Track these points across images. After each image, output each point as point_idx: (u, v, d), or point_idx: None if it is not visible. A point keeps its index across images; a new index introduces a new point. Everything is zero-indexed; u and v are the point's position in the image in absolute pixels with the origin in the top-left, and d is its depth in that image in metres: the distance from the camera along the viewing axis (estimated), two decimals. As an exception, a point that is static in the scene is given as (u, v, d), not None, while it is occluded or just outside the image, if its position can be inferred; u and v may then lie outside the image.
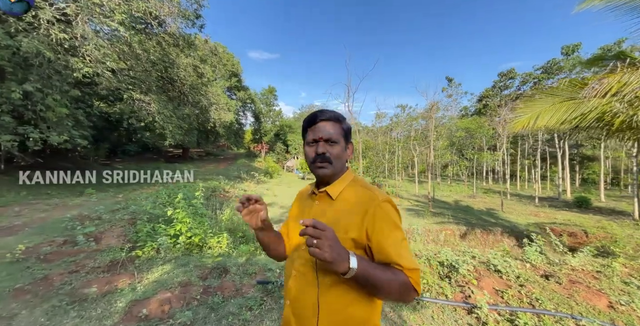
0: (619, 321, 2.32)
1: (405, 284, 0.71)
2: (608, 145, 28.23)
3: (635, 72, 4.24)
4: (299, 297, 0.81)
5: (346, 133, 0.92)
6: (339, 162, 0.88)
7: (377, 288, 0.70)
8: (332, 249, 0.63)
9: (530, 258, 3.42)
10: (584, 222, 13.98)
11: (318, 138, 0.86)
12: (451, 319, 2.34)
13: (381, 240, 0.76)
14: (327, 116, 0.88)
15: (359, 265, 0.66)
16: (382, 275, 0.69)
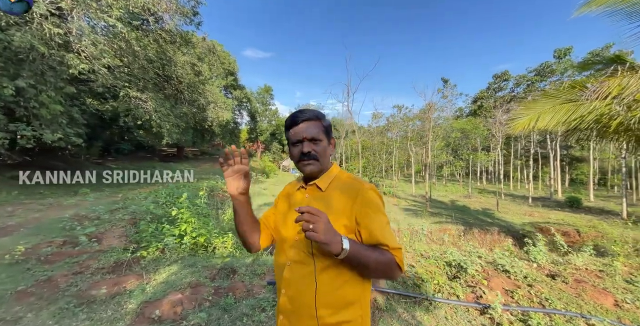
0: (626, 319, 2.37)
1: (391, 262, 0.79)
2: (596, 147, 28.91)
3: (634, 75, 4.33)
4: (296, 283, 0.85)
5: (327, 130, 0.96)
6: (324, 158, 0.94)
7: (367, 267, 0.78)
8: (326, 232, 0.69)
9: (537, 258, 3.47)
10: (576, 222, 14.30)
11: (302, 138, 0.91)
12: (464, 320, 2.36)
13: (368, 224, 0.83)
14: (307, 116, 0.93)
15: (350, 246, 0.73)
16: (371, 254, 0.77)
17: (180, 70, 13.82)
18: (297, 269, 0.86)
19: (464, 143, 31.39)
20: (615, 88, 4.45)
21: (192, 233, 3.91)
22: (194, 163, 29.45)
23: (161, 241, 3.79)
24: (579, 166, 36.46)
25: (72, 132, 10.61)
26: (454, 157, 31.55)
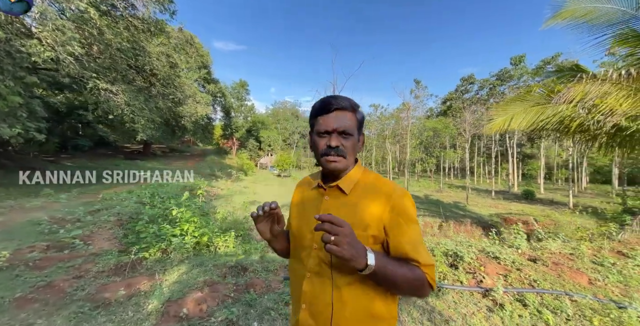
0: (600, 295, 2.80)
1: (421, 280, 0.71)
2: (543, 145, 32.31)
3: (595, 83, 4.94)
4: (318, 299, 0.77)
5: (360, 124, 0.85)
6: (352, 155, 0.83)
7: (393, 284, 0.70)
8: (350, 246, 0.61)
9: (521, 245, 3.90)
10: (532, 212, 15.92)
11: (332, 129, 0.78)
12: (470, 303, 2.63)
13: (398, 235, 0.75)
14: (343, 104, 0.80)
15: (377, 262, 0.64)
16: (399, 270, 0.69)
17: (155, 61, 13.00)
18: (317, 283, 0.78)
19: (435, 141, 33.24)
20: (579, 94, 5.04)
21: (194, 233, 3.82)
22: (163, 161, 27.73)
23: (163, 241, 3.67)
24: (529, 162, 40.32)
25: (33, 126, 9.60)
26: (426, 154, 33.30)
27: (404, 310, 2.47)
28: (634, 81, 4.70)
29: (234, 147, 51.33)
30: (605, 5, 5.74)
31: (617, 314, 2.41)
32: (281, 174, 34.51)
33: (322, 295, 0.76)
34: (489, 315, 2.42)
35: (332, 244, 0.60)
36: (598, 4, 5.78)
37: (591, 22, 6.01)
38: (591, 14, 5.90)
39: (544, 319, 2.35)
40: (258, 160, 45.77)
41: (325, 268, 0.76)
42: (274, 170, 38.14)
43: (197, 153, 41.00)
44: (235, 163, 34.17)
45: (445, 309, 2.52)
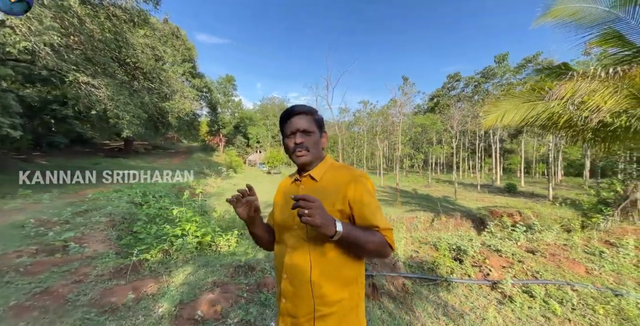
0: (597, 283, 2.95)
1: (382, 242, 0.86)
2: (523, 140, 33.79)
3: (585, 80, 5.11)
4: (296, 268, 0.91)
5: (319, 124, 1.02)
6: (316, 149, 1.00)
7: (360, 247, 0.84)
8: (320, 216, 0.75)
9: (520, 237, 4.04)
10: (516, 204, 16.56)
11: (294, 130, 0.97)
12: (480, 296, 2.70)
13: (360, 207, 0.90)
14: (300, 110, 0.99)
15: (343, 228, 0.79)
16: (362, 235, 0.83)
17: (139, 54, 12.39)
18: (296, 254, 0.92)
19: (423, 137, 33.89)
20: (569, 91, 5.21)
21: (196, 233, 3.70)
22: (147, 159, 26.68)
23: (164, 242, 3.53)
24: (510, 157, 41.94)
25: (7, 122, 8.98)
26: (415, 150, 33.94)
27: (418, 305, 2.50)
28: (620, 79, 4.89)
29: (221, 144, 50.24)
30: (591, 5, 5.95)
31: (616, 302, 2.54)
32: (271, 171, 34.06)
33: (300, 265, 0.90)
34: (500, 308, 2.49)
35: (306, 216, 0.74)
36: (584, 4, 5.99)
37: (578, 21, 6.21)
38: (578, 14, 6.09)
39: (552, 309, 2.45)
40: (246, 157, 45.04)
41: (302, 243, 0.92)
42: (263, 167, 37.64)
43: (182, 151, 39.74)
44: (224, 161, 33.48)
45: (457, 303, 2.57)
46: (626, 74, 4.80)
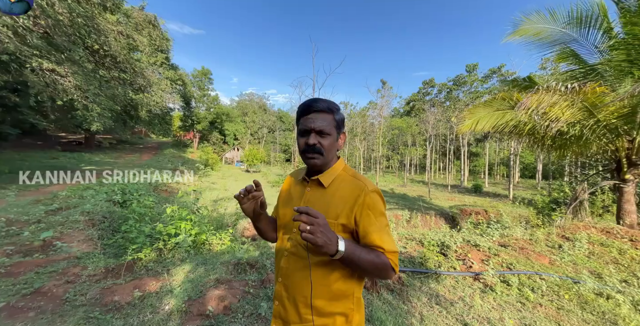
0: (559, 272, 3.39)
1: (385, 264, 0.81)
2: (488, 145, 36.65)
3: (547, 93, 5.72)
4: (291, 275, 0.89)
5: (338, 124, 0.93)
6: (330, 153, 0.91)
7: (360, 267, 0.79)
8: (323, 234, 0.69)
9: (495, 234, 4.48)
10: (483, 203, 17.98)
11: (310, 129, 0.88)
12: (465, 286, 3.00)
13: (367, 226, 0.84)
14: (321, 107, 0.89)
15: (346, 248, 0.73)
16: (366, 256, 0.78)
17: (112, 42, 11.59)
18: (293, 261, 0.89)
19: (400, 139, 35.33)
20: (535, 103, 5.81)
21: (191, 231, 3.66)
22: (112, 154, 24.73)
23: (158, 241, 3.46)
24: (475, 159, 45.14)
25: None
26: (392, 151, 35.26)
27: (413, 296, 2.73)
28: (575, 94, 5.55)
29: (195, 140, 48.23)
30: (551, 26, 6.69)
31: (576, 288, 2.97)
32: (250, 169, 33.29)
33: (295, 271, 0.88)
34: (483, 296, 2.80)
35: (307, 233, 0.68)
36: (546, 25, 6.71)
37: (540, 40, 6.97)
38: (540, 34, 6.83)
39: (525, 296, 2.80)
40: (223, 155, 43.69)
41: (300, 249, 0.87)
42: (241, 165, 36.75)
43: (151, 146, 37.52)
44: (199, 158, 32.17)
45: (446, 293, 2.84)
46: (581, 89, 5.45)
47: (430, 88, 45.64)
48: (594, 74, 6.69)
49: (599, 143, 6.34)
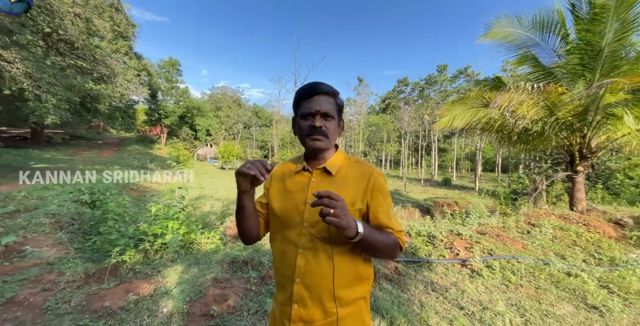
0: (532, 255, 3.74)
1: (395, 243, 0.85)
2: (456, 141, 39.15)
3: (517, 92, 6.18)
4: (311, 271, 0.84)
5: (340, 109, 0.92)
6: (334, 137, 0.91)
7: (375, 248, 0.82)
8: (346, 217, 0.70)
9: (474, 223, 4.80)
10: (453, 195, 19.18)
11: (315, 111, 0.86)
12: (455, 272, 3.20)
13: (376, 207, 0.87)
14: (325, 90, 0.88)
15: (364, 230, 0.75)
16: (380, 236, 0.81)
17: (69, 25, 10.40)
18: (311, 256, 0.85)
19: (376, 136, 36.34)
20: (506, 101, 6.26)
21: (179, 230, 3.47)
22: (65, 151, 21.95)
23: (143, 242, 3.23)
24: (443, 155, 47.91)
25: None
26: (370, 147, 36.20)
27: (411, 284, 2.86)
28: (539, 93, 6.07)
29: (163, 135, 45.43)
30: (519, 30, 7.22)
31: (548, 269, 3.30)
32: (225, 167, 32.02)
33: (317, 267, 0.83)
34: (472, 280, 3.01)
35: (331, 216, 0.68)
36: (514, 29, 7.23)
37: (508, 43, 7.51)
38: (509, 37, 7.35)
39: (508, 278, 3.06)
40: (195, 151, 41.66)
41: (317, 243, 0.84)
42: (215, 162, 35.33)
43: (112, 142, 34.59)
44: (168, 154, 30.38)
45: (439, 280, 3.01)
46: (545, 89, 5.96)
47: (404, 86, 47.29)
48: (552, 76, 7.36)
49: (557, 138, 7.02)
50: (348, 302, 0.85)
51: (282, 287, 0.90)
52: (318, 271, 0.84)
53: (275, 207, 0.94)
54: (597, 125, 6.41)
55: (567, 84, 6.77)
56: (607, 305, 2.66)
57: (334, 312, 0.83)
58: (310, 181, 0.91)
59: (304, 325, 0.85)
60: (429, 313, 2.36)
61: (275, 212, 0.93)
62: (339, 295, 0.84)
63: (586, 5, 5.96)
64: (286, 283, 0.88)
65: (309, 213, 0.86)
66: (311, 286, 0.84)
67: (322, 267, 0.83)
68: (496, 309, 2.46)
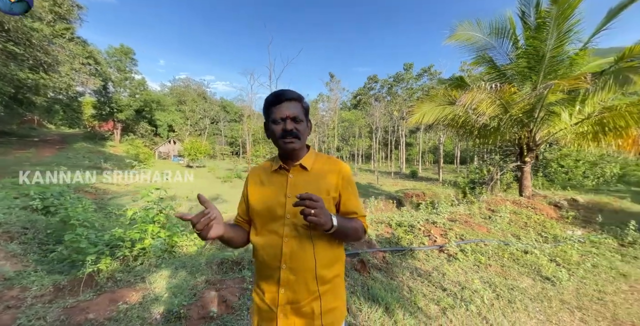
0: (495, 238, 4.20)
1: (362, 227, 1.01)
2: (420, 135, 41.67)
3: (479, 91, 6.75)
4: (295, 256, 0.94)
5: (306, 112, 1.03)
6: (304, 137, 1.01)
7: (346, 235, 0.96)
8: (324, 215, 0.82)
9: (445, 212, 5.21)
10: (420, 187, 20.52)
11: (285, 116, 0.95)
12: (434, 258, 3.48)
13: (347, 195, 1.02)
14: (292, 96, 0.98)
15: (338, 222, 0.88)
16: (349, 224, 0.95)
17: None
18: (295, 243, 0.94)
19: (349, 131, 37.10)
20: (469, 99, 6.80)
21: (160, 234, 3.27)
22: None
23: (120, 248, 3.00)
24: (409, 149, 50.71)
25: None
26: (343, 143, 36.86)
27: (398, 272, 3.06)
28: (496, 93, 6.69)
29: (116, 132, 41.43)
30: (479, 34, 7.84)
31: (508, 249, 3.75)
32: (192, 164, 30.02)
33: (301, 252, 0.94)
34: (450, 264, 3.31)
35: (312, 216, 0.79)
36: (475, 33, 7.84)
37: (470, 45, 8.12)
38: (471, 40, 7.95)
39: (478, 260, 3.42)
40: (156, 149, 38.57)
41: (301, 231, 0.94)
42: (180, 160, 33.12)
43: (52, 139, 30.54)
44: (125, 152, 27.80)
45: (422, 265, 3.27)
46: (500, 89, 6.59)
47: (374, 83, 48.69)
48: (505, 77, 8.13)
49: (510, 133, 7.83)
50: (327, 280, 0.97)
51: (266, 276, 0.98)
52: (302, 256, 0.94)
53: (257, 206, 1.02)
54: (541, 121, 7.26)
55: (518, 85, 7.53)
56: (557, 276, 3.12)
57: (315, 290, 0.94)
58: (288, 177, 1.01)
59: (290, 307, 0.94)
60: (418, 296, 2.57)
61: (258, 210, 1.01)
62: (320, 275, 0.94)
63: (534, 13, 6.66)
64: (272, 271, 0.96)
65: (290, 206, 0.94)
66: (296, 270, 0.94)
67: (305, 252, 0.94)
68: (473, 287, 2.76)
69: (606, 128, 6.29)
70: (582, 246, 4.12)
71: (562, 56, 6.81)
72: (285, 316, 0.94)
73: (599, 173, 13.45)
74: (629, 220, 4.75)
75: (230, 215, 10.06)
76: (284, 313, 0.94)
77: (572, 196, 8.00)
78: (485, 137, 8.61)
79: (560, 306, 2.59)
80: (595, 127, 6.48)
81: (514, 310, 2.47)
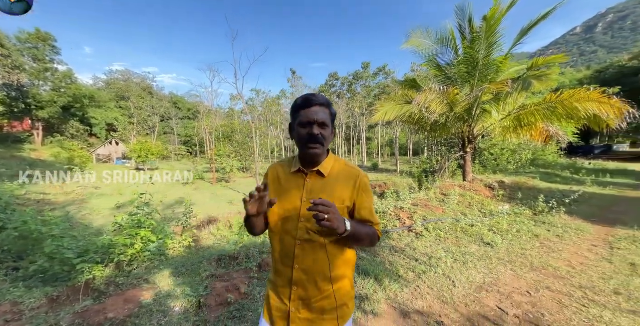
0: (449, 217, 5.05)
1: (376, 235, 1.03)
2: (379, 131, 44.28)
3: (430, 92, 7.68)
4: (309, 258, 0.97)
5: (333, 118, 1.04)
6: (327, 143, 1.01)
7: (359, 240, 0.97)
8: (337, 220, 0.83)
9: (408, 198, 5.97)
10: (382, 178, 22.03)
11: (313, 120, 0.95)
12: (405, 237, 4.11)
13: (361, 204, 1.02)
14: (322, 101, 0.99)
15: (351, 227, 0.90)
16: (363, 230, 0.97)
17: None
18: (308, 246, 0.97)
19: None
20: (423, 99, 7.71)
21: (152, 238, 3.26)
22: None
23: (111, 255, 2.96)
24: (369, 143, 53.47)
25: None
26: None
27: (380, 251, 3.60)
28: (444, 94, 7.72)
29: (37, 133, 35.40)
30: (428, 42, 8.83)
31: (459, 225, 4.58)
32: (143, 167, 27.05)
33: (313, 255, 0.98)
34: (418, 240, 3.97)
35: (325, 221, 0.81)
36: (426, 40, 8.81)
37: (421, 51, 9.10)
38: (421, 46, 8.92)
39: (439, 235, 4.15)
40: (94, 151, 33.99)
41: (313, 235, 0.97)
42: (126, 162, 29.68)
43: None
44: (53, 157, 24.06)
45: (397, 244, 3.86)
46: (447, 90, 7.62)
47: (335, 81, 49.66)
48: (450, 80, 9.33)
49: (455, 128, 9.06)
50: (338, 281, 1.02)
51: (280, 273, 1.03)
52: (314, 258, 0.98)
53: (275, 206, 1.03)
54: (477, 118, 8.57)
55: (460, 87, 8.73)
56: (494, 241, 4.00)
57: (329, 289, 1.00)
58: (306, 182, 1.02)
59: (302, 302, 1.00)
60: (397, 267, 3.12)
61: (275, 210, 1.04)
62: (331, 276, 0.99)
63: (468, 27, 7.82)
64: (286, 269, 1.01)
65: (305, 210, 0.97)
66: (308, 271, 0.98)
67: (317, 255, 0.97)
68: (437, 256, 3.42)
69: (522, 123, 7.77)
70: (509, 218, 5.22)
71: (491, 64, 8.10)
72: (297, 310, 1.00)
73: (517, 159, 16.21)
74: (539, 195, 6.09)
75: (200, 218, 9.64)
76: (295, 307, 1.00)
77: (500, 179, 9.63)
78: (436, 131, 9.80)
79: (497, 262, 3.40)
80: (515, 122, 7.94)
81: (467, 268, 3.18)
